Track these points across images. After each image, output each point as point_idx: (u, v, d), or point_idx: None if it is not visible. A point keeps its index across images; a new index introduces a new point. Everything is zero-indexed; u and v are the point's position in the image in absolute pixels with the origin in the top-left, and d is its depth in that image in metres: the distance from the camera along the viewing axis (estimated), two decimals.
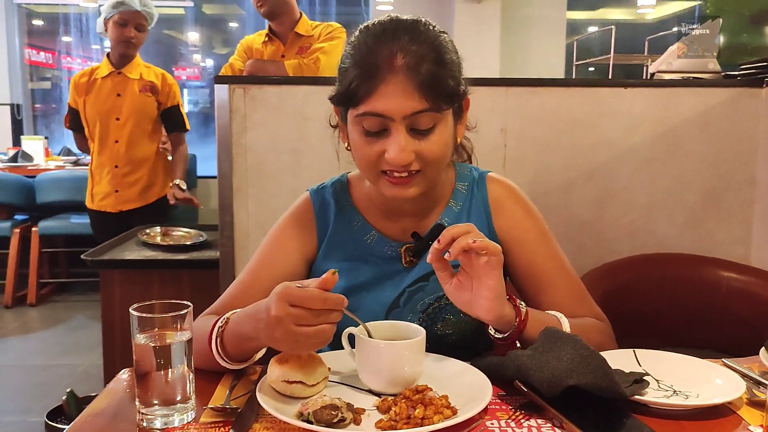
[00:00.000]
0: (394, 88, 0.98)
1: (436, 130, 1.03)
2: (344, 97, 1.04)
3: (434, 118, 1.02)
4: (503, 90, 1.92)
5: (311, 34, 2.86)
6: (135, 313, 0.86)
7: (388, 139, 1.02)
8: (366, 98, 1.00)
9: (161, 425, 0.86)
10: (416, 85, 0.98)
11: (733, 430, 0.87)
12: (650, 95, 1.96)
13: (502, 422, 0.87)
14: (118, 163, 3.09)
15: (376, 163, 1.04)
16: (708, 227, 1.99)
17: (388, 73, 0.99)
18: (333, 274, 0.88)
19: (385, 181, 1.06)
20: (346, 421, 0.84)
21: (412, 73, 0.98)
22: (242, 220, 1.92)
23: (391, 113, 1.00)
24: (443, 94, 1.01)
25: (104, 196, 3.12)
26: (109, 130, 3.09)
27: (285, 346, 0.89)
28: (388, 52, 0.99)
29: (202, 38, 7.56)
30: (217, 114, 1.89)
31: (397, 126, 1.00)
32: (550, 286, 1.15)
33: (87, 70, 3.17)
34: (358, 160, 1.09)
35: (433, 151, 1.03)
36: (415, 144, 1.02)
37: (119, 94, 3.09)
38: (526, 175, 1.94)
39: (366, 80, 1.00)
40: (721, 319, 1.70)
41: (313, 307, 0.86)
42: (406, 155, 1.01)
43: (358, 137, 1.05)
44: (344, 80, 1.03)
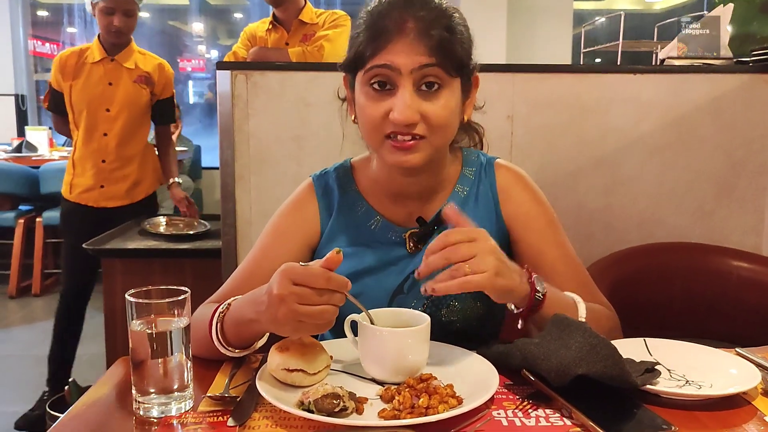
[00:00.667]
0: (404, 44, 0.99)
1: (443, 94, 1.02)
2: (354, 59, 1.04)
3: (442, 79, 1.01)
4: (510, 76, 1.89)
5: (315, 22, 2.83)
6: (131, 299, 0.84)
7: (393, 97, 1.00)
8: (374, 54, 1.00)
9: (158, 414, 0.83)
10: (426, 43, 0.99)
11: (748, 421, 0.84)
12: (660, 82, 1.92)
13: (509, 412, 0.85)
14: (106, 158, 2.81)
15: (381, 125, 1.02)
16: (719, 216, 1.96)
17: (397, 34, 0.99)
18: (337, 254, 0.85)
19: (388, 146, 1.03)
20: (348, 410, 0.82)
21: (422, 35, 0.99)
22: (245, 208, 1.90)
23: (398, 65, 0.99)
24: (452, 58, 1.01)
25: (86, 189, 2.84)
26: (97, 122, 2.79)
27: (287, 327, 0.86)
28: (399, 16, 1.00)
29: (206, 29, 7.54)
30: (219, 101, 1.87)
31: (403, 81, 0.99)
32: (556, 274, 1.13)
33: (75, 50, 2.83)
34: (363, 124, 1.06)
35: (438, 114, 1.01)
36: (421, 104, 1.00)
37: (111, 83, 2.80)
38: (533, 163, 1.91)
39: (376, 39, 1.00)
40: (732, 309, 1.67)
41: (317, 285, 0.83)
42: (411, 113, 0.99)
43: (363, 97, 1.04)
44: (354, 44, 1.04)
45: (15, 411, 2.79)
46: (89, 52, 2.81)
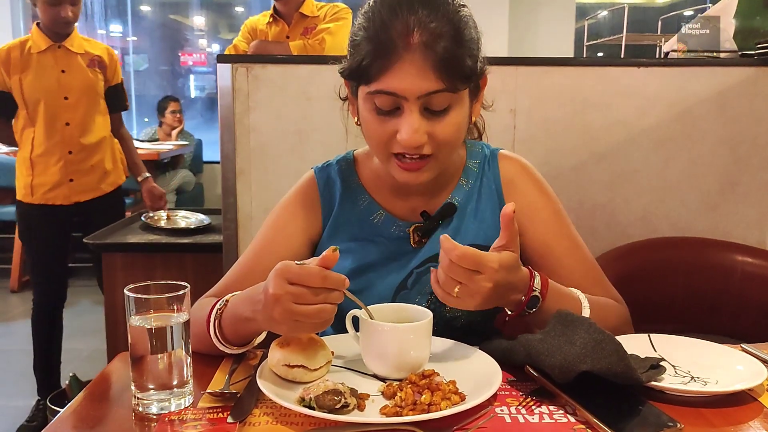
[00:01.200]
0: (410, 66, 0.93)
1: (451, 112, 0.98)
2: (356, 73, 0.99)
3: (449, 99, 0.97)
4: (513, 69, 1.87)
5: (316, 15, 2.81)
6: (130, 294, 0.83)
7: (400, 118, 0.97)
8: (379, 76, 0.95)
9: (157, 410, 0.82)
10: (432, 64, 0.93)
11: (754, 418, 0.83)
12: (664, 75, 1.90)
13: (512, 409, 0.84)
14: (72, 148, 2.66)
15: (387, 144, 1.00)
16: (723, 211, 1.94)
17: (403, 51, 0.93)
18: (333, 252, 0.84)
19: (395, 165, 1.02)
20: (350, 407, 0.81)
21: (429, 51, 0.93)
22: (245, 203, 1.89)
23: (404, 93, 0.95)
24: (460, 74, 0.96)
25: (53, 187, 2.66)
26: (57, 112, 2.63)
27: (283, 327, 0.85)
28: (404, 27, 0.93)
29: (207, 22, 7.52)
30: (220, 94, 1.85)
31: (410, 106, 0.96)
32: (563, 266, 1.11)
33: (14, 44, 2.65)
34: (368, 138, 1.05)
35: (446, 133, 0.99)
36: (428, 125, 0.97)
37: (64, 71, 2.64)
38: (536, 156, 1.89)
39: (380, 57, 0.94)
40: (736, 304, 1.66)
41: (313, 284, 0.82)
42: (418, 137, 0.96)
43: (369, 115, 1.01)
44: (356, 54, 0.98)
45: (17, 405, 2.79)
46: (31, 42, 2.64)
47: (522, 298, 0.96)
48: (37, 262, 2.77)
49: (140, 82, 7.16)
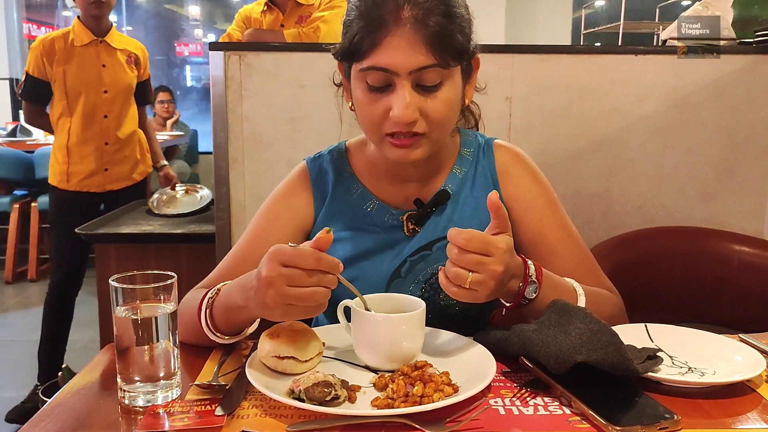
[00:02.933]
0: (400, 41, 0.94)
1: (443, 88, 0.98)
2: (348, 51, 0.99)
3: (441, 74, 0.97)
4: (509, 57, 1.85)
5: (311, 3, 2.78)
6: (115, 285, 0.81)
7: (392, 95, 0.96)
8: (370, 51, 0.95)
9: (144, 403, 0.81)
10: (423, 38, 0.93)
11: (753, 409, 0.82)
12: (662, 62, 1.88)
13: (506, 400, 0.82)
14: (109, 140, 2.81)
15: (380, 123, 0.99)
16: (721, 200, 1.93)
17: (393, 26, 0.94)
18: (327, 233, 0.82)
19: (388, 144, 1.01)
20: (340, 399, 0.79)
21: (420, 25, 0.93)
22: (239, 192, 1.87)
23: (396, 68, 0.94)
24: (452, 49, 0.96)
25: (88, 175, 2.81)
26: (96, 104, 2.77)
27: (276, 311, 0.83)
28: (395, 3, 0.94)
29: (203, 12, 7.46)
30: (212, 82, 1.83)
31: (402, 81, 0.95)
32: (558, 256, 1.10)
33: (57, 35, 2.76)
34: (362, 120, 1.03)
35: (438, 110, 0.98)
36: (420, 101, 0.97)
37: (104, 65, 2.79)
38: (532, 145, 1.87)
39: (371, 33, 0.95)
40: (733, 294, 1.64)
41: (307, 266, 0.80)
42: (410, 112, 0.95)
43: (361, 94, 1.00)
44: (348, 33, 0.98)
45: (10, 396, 2.78)
46: (73, 35, 2.76)
47: (520, 285, 0.95)
48: (62, 246, 2.84)
49: None
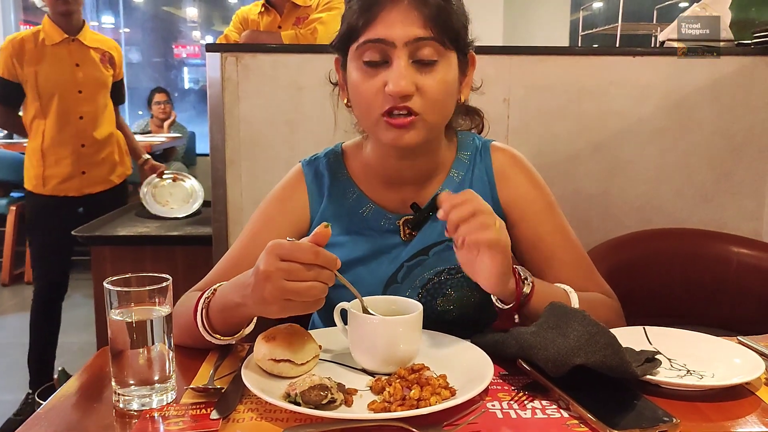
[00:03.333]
0: (397, 14, 0.95)
1: (438, 67, 0.98)
2: (346, 34, 1.00)
3: (438, 52, 0.97)
4: (506, 59, 1.85)
5: (309, 5, 2.78)
6: (109, 287, 0.80)
7: (388, 70, 0.96)
8: (367, 26, 0.96)
9: (138, 406, 0.80)
10: (421, 13, 0.95)
11: (752, 412, 0.81)
12: (660, 64, 1.88)
13: (504, 404, 0.82)
14: (85, 141, 2.71)
15: (376, 101, 0.98)
16: (719, 201, 1.92)
17: (390, 2, 0.95)
18: (326, 228, 0.82)
19: (384, 124, 0.99)
20: (336, 402, 0.78)
21: (417, 2, 0.95)
22: (235, 194, 1.86)
23: (392, 38, 0.95)
24: (448, 28, 0.97)
25: (65, 178, 2.71)
26: (71, 105, 2.66)
27: (275, 306, 0.82)
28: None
29: (200, 14, 7.46)
30: (209, 84, 1.82)
31: (398, 53, 0.95)
32: (555, 259, 1.09)
33: (26, 35, 2.66)
34: (357, 102, 1.02)
35: (434, 88, 0.97)
36: (416, 76, 0.97)
37: (78, 64, 2.68)
38: (529, 147, 1.87)
39: (367, 10, 0.96)
40: (732, 296, 1.64)
41: (305, 260, 0.80)
42: (406, 83, 0.95)
43: (357, 74, 0.99)
44: (347, 16, 1.00)
45: (7, 399, 2.77)
46: (44, 34, 2.66)
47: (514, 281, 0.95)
48: (42, 253, 2.78)
49: (133, 74, 7.10)
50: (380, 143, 1.05)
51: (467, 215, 0.87)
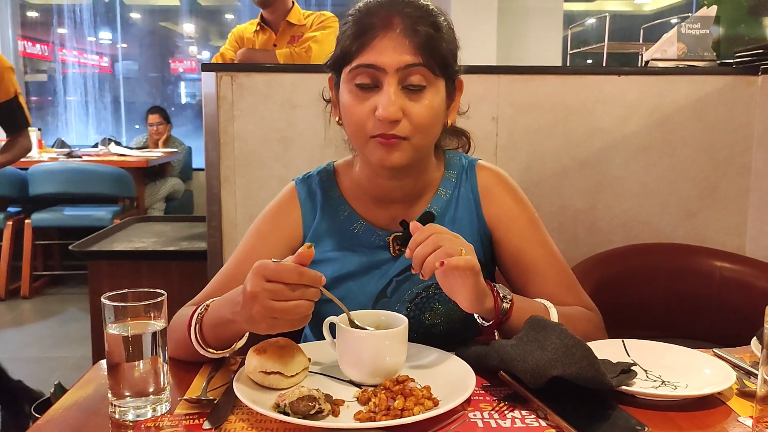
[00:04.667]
0: (389, 41, 0.99)
1: (427, 94, 1.02)
2: (340, 57, 1.04)
3: (427, 79, 1.01)
4: (495, 78, 1.89)
5: (303, 23, 2.83)
6: (106, 302, 0.84)
7: (379, 95, 1.00)
8: (360, 52, 1.01)
9: (133, 417, 0.83)
10: (411, 41, 0.99)
11: (722, 421, 0.85)
12: (644, 83, 1.93)
13: (485, 414, 0.85)
14: None
15: (366, 124, 1.02)
16: (703, 217, 1.97)
17: (383, 30, 1.00)
18: (309, 248, 0.86)
19: (373, 144, 1.03)
20: (324, 412, 0.82)
21: (409, 32, 1.00)
22: (230, 210, 1.90)
23: (384, 64, 0.99)
24: (438, 56, 1.01)
25: None
26: None
27: (262, 324, 0.86)
28: (386, 13, 1.01)
29: (197, 30, 7.51)
30: (204, 102, 1.86)
31: (389, 79, 1.00)
32: (538, 274, 1.13)
33: None
34: (348, 123, 1.06)
35: (421, 114, 1.01)
36: (405, 102, 1.01)
37: None
38: (518, 163, 1.91)
39: (361, 36, 1.01)
40: (715, 310, 1.68)
41: (289, 280, 0.83)
42: (395, 110, 0.99)
43: (349, 96, 1.03)
44: (341, 41, 1.04)
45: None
46: None
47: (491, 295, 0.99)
48: None
49: (130, 89, 7.15)
50: (369, 163, 1.09)
51: (431, 249, 0.91)
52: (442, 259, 0.90)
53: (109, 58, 7.06)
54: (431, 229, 0.94)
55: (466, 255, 0.92)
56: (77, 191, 4.37)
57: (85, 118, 6.81)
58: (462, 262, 0.90)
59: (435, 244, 0.91)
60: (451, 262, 0.90)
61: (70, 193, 4.39)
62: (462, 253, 0.91)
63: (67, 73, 6.77)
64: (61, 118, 6.76)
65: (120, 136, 6.57)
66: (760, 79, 1.91)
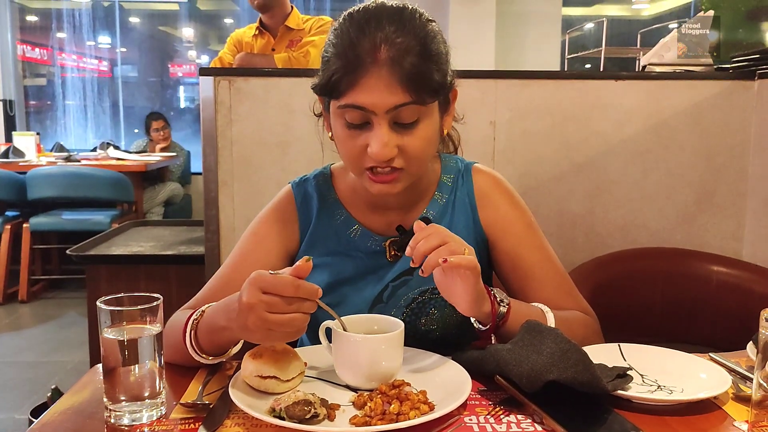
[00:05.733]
0: (377, 81, 0.95)
1: (420, 125, 1.00)
2: (326, 88, 1.00)
3: (418, 112, 0.99)
4: (492, 82, 1.90)
5: (302, 28, 2.84)
6: (102, 306, 0.84)
7: (370, 132, 0.99)
8: (348, 90, 0.97)
9: (129, 422, 0.83)
10: (400, 78, 0.95)
11: (718, 426, 0.85)
12: (642, 88, 1.93)
13: (480, 418, 0.85)
14: None
15: (360, 158, 1.01)
16: (700, 221, 1.97)
17: (371, 66, 0.95)
18: (307, 261, 0.85)
19: (368, 179, 1.03)
20: (320, 417, 0.82)
21: (396, 66, 0.95)
22: (228, 215, 1.90)
23: (373, 107, 0.96)
24: (428, 87, 0.98)
25: None
26: None
27: (257, 335, 0.86)
28: (371, 44, 0.95)
29: (197, 34, 7.52)
30: (202, 107, 1.87)
31: (379, 120, 0.97)
32: (535, 278, 1.13)
33: None
34: (342, 154, 1.06)
35: (416, 146, 1.00)
36: (398, 138, 0.99)
37: None
38: (515, 168, 1.92)
39: (348, 73, 0.96)
40: (712, 314, 1.68)
41: (286, 293, 0.83)
42: (388, 150, 0.98)
43: (340, 130, 1.02)
44: (326, 71, 1.00)
45: (0, 418, 2.77)
46: None
47: (489, 303, 0.99)
48: None
49: (129, 93, 7.16)
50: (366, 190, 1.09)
51: (436, 245, 0.91)
52: (445, 256, 0.89)
53: (108, 62, 7.07)
54: (435, 228, 0.94)
55: (469, 255, 0.92)
56: (76, 195, 4.38)
57: (84, 122, 6.81)
58: (465, 261, 0.90)
59: (441, 240, 0.91)
60: (455, 260, 0.89)
61: (69, 198, 4.39)
62: (465, 252, 0.91)
63: (66, 77, 6.78)
64: (60, 123, 6.77)
65: (119, 140, 6.58)
66: (757, 84, 1.91)
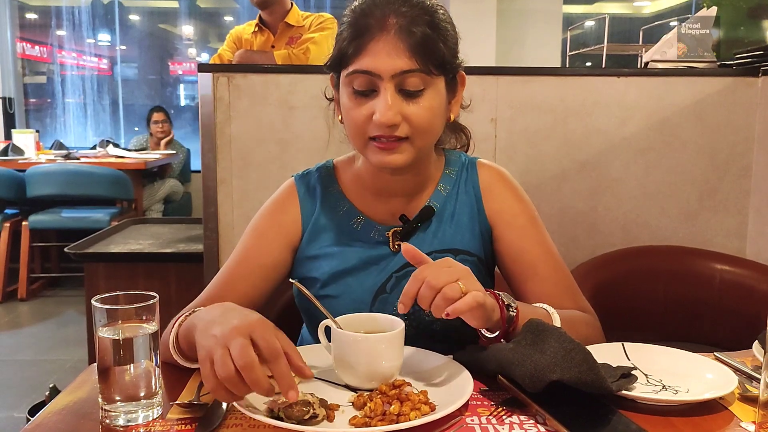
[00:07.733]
0: (384, 45, 0.98)
1: (425, 95, 1.01)
2: (337, 59, 1.03)
3: (424, 81, 1.00)
4: (493, 79, 1.88)
5: (302, 25, 2.83)
6: (97, 305, 0.82)
7: (376, 99, 1.00)
8: (356, 56, 0.99)
9: (124, 422, 0.81)
10: (407, 45, 0.98)
11: (724, 427, 0.83)
12: (644, 84, 1.92)
13: (482, 419, 0.84)
14: None
15: (365, 128, 1.02)
16: (703, 219, 1.96)
17: (378, 32, 0.98)
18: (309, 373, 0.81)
19: (372, 147, 1.03)
20: (319, 417, 0.80)
21: (404, 33, 0.98)
22: (227, 212, 1.88)
23: (379, 71, 0.98)
24: (434, 57, 1.00)
25: None
26: None
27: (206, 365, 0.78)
28: (381, 13, 0.99)
29: (196, 32, 7.51)
30: (201, 103, 1.85)
31: (385, 85, 0.99)
32: (537, 273, 1.12)
33: None
34: (347, 125, 1.06)
35: (420, 116, 1.00)
36: (402, 105, 1.00)
37: None
38: (516, 165, 1.90)
39: (356, 38, 0.99)
40: (715, 313, 1.66)
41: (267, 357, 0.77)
42: (392, 114, 0.98)
43: (347, 99, 1.03)
44: (338, 43, 1.03)
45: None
46: None
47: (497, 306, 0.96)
48: None
49: (129, 91, 7.14)
50: (370, 163, 1.08)
51: (430, 301, 0.88)
52: (445, 310, 0.87)
53: (107, 60, 7.06)
54: (422, 273, 0.89)
55: (465, 287, 0.88)
56: (75, 193, 4.36)
57: (83, 120, 6.80)
58: (465, 307, 0.87)
59: (432, 290, 0.88)
60: (456, 309, 0.87)
61: (68, 195, 4.38)
62: (461, 287, 0.88)
63: (65, 75, 6.76)
64: (60, 120, 6.75)
65: (118, 138, 6.57)
66: (761, 81, 1.90)
